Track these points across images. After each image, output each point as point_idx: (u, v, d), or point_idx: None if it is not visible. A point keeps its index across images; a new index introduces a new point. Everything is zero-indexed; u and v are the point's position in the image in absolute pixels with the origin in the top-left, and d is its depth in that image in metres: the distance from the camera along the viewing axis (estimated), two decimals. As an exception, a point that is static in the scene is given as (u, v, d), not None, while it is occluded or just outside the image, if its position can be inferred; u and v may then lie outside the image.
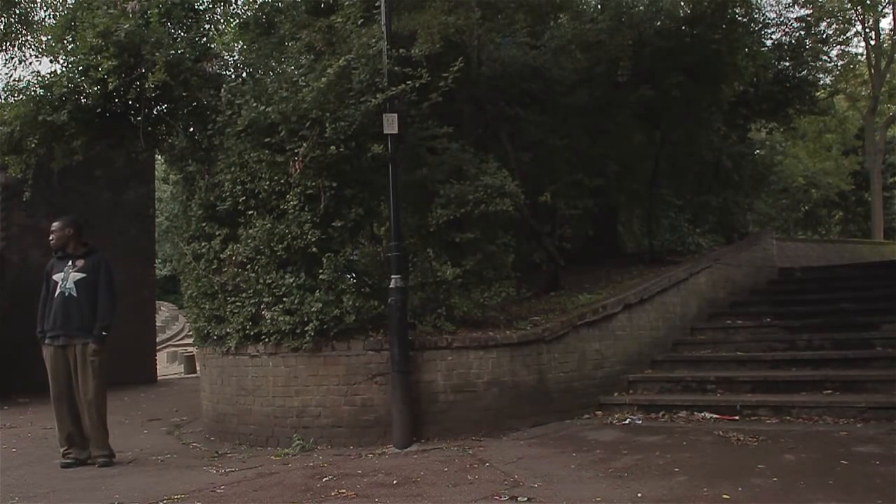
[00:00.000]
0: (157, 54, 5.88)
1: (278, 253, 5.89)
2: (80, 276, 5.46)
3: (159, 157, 8.37)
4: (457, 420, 5.80)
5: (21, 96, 6.33)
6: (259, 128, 6.01)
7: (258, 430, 6.06)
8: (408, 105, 6.15)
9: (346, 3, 6.48)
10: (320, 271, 5.79)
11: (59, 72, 6.32)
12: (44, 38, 8.07)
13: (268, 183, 5.96)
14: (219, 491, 4.41)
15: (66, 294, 5.41)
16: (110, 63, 5.79)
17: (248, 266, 6.05)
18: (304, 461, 5.21)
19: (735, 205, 10.97)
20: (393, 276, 5.63)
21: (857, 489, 3.80)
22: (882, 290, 8.43)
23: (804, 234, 22.41)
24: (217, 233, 6.29)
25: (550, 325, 6.40)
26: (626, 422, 6.19)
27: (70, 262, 5.51)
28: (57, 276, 5.47)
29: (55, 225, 5.63)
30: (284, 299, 5.85)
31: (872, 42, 21.69)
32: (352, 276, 5.94)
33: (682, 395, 6.65)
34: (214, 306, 6.39)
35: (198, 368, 10.09)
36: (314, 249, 5.81)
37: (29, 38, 13.08)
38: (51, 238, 5.59)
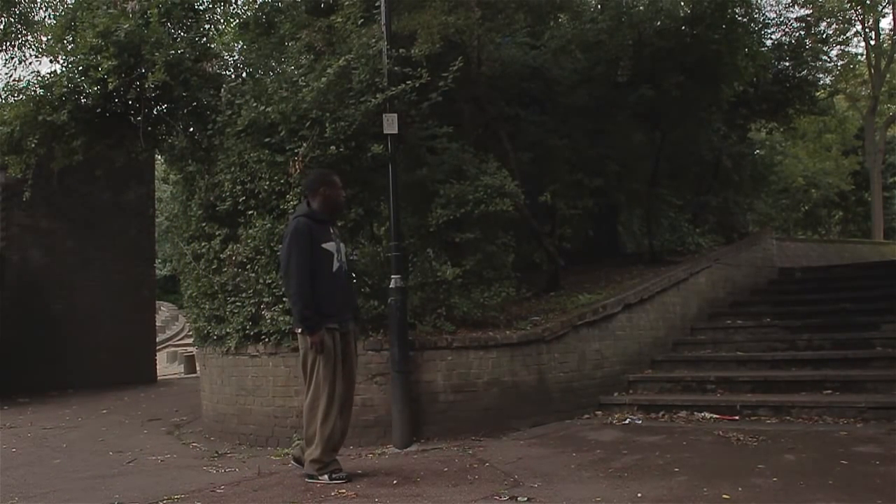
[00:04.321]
0: (157, 54, 5.88)
1: (278, 253, 5.88)
2: (344, 248, 4.68)
3: (159, 157, 8.37)
4: (457, 420, 5.79)
5: (21, 96, 6.33)
6: (259, 128, 6.01)
7: (258, 430, 6.06)
8: (408, 105, 6.15)
9: (346, 3, 6.48)
10: (320, 271, 5.78)
11: (59, 72, 6.33)
12: (44, 38, 8.09)
13: (268, 183, 5.96)
14: (219, 491, 4.41)
15: (345, 270, 4.60)
16: (110, 63, 5.80)
17: (248, 266, 6.05)
18: (304, 461, 5.21)
19: (735, 205, 10.97)
20: (393, 276, 5.62)
21: (857, 489, 3.80)
22: (882, 290, 8.43)
23: (804, 234, 22.40)
24: (217, 233, 6.29)
25: (550, 325, 6.39)
26: (626, 422, 6.19)
27: (333, 231, 4.58)
28: (329, 247, 4.47)
29: (338, 178, 4.71)
30: (284, 299, 5.84)
31: (872, 42, 21.72)
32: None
33: (682, 395, 6.65)
34: (214, 306, 6.39)
35: (198, 368, 10.10)
36: (314, 249, 5.80)
37: (29, 38, 13.13)
38: (341, 195, 4.68)
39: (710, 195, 10.44)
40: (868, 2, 20.12)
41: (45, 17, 12.59)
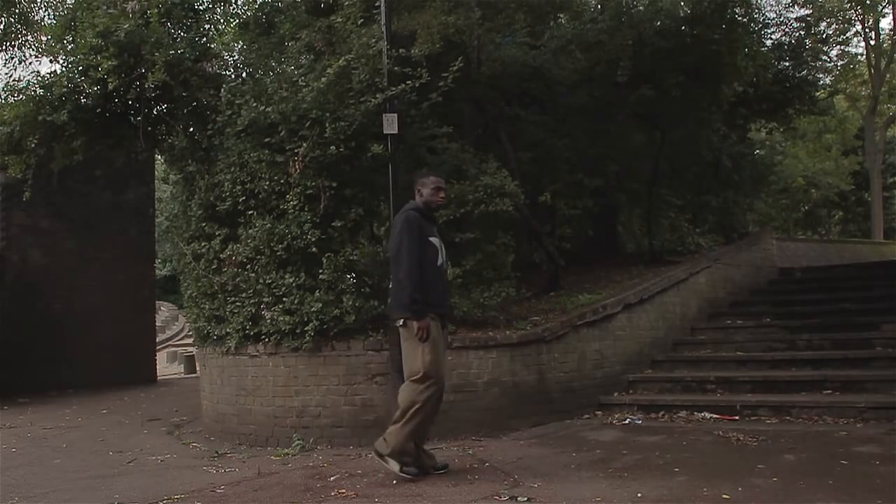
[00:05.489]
0: (156, 54, 5.88)
1: (278, 253, 5.89)
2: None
3: (159, 157, 8.37)
4: (457, 420, 5.79)
5: (21, 96, 6.33)
6: (259, 128, 6.01)
7: (258, 430, 6.06)
8: (408, 105, 6.15)
9: (346, 3, 6.49)
10: (320, 271, 5.79)
11: (59, 72, 6.33)
12: (44, 38, 8.09)
13: (268, 183, 5.96)
14: (219, 491, 4.41)
15: (444, 268, 4.71)
16: (110, 63, 5.79)
17: (248, 266, 6.05)
18: (304, 461, 5.21)
19: (735, 205, 10.97)
20: (393, 276, 5.62)
21: (857, 489, 3.80)
22: (882, 290, 8.43)
23: (804, 234, 22.41)
24: (217, 233, 6.29)
25: (550, 325, 6.39)
26: (626, 422, 6.19)
27: (434, 228, 4.70)
28: (435, 241, 4.58)
29: (436, 179, 4.77)
30: (284, 299, 5.85)
31: (872, 42, 21.72)
32: (352, 276, 5.94)
33: (682, 395, 6.65)
34: (214, 306, 6.39)
35: (198, 368, 10.10)
36: (314, 249, 5.81)
37: (29, 38, 13.11)
38: (441, 196, 4.75)
39: (710, 195, 10.44)
40: (868, 2, 20.12)
41: (45, 17, 12.58)
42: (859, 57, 22.27)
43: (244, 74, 6.87)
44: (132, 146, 6.87)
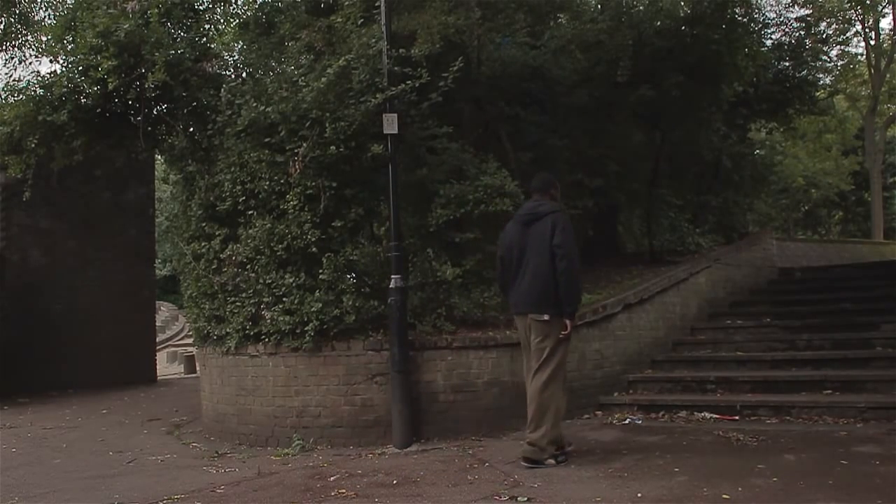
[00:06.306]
0: (157, 54, 5.88)
1: (278, 253, 5.89)
2: None
3: (159, 157, 8.37)
4: (457, 420, 5.80)
5: (21, 96, 6.33)
6: (259, 128, 6.01)
7: (258, 430, 6.06)
8: (408, 105, 6.15)
9: (346, 3, 6.49)
10: (320, 271, 5.79)
11: (59, 72, 6.33)
12: (44, 38, 8.09)
13: (268, 183, 5.96)
14: (219, 491, 4.42)
15: None
16: (110, 63, 5.79)
17: (248, 266, 6.05)
18: (304, 461, 5.22)
19: (735, 205, 10.96)
20: (393, 276, 5.63)
21: (857, 489, 3.80)
22: (882, 290, 8.43)
23: (804, 234, 22.42)
24: (217, 233, 6.29)
25: (550, 325, 6.38)
26: (626, 422, 6.19)
27: None
28: None
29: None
30: (284, 299, 5.85)
31: (872, 42, 21.70)
32: (352, 276, 5.94)
33: (682, 395, 6.65)
34: (214, 306, 6.39)
35: (198, 368, 10.11)
36: (314, 249, 5.81)
37: (29, 38, 13.10)
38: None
39: (710, 195, 10.44)
40: (868, 2, 20.11)
41: (45, 17, 12.59)
42: (859, 57, 22.27)
43: (244, 74, 6.87)
44: (132, 146, 6.88)
